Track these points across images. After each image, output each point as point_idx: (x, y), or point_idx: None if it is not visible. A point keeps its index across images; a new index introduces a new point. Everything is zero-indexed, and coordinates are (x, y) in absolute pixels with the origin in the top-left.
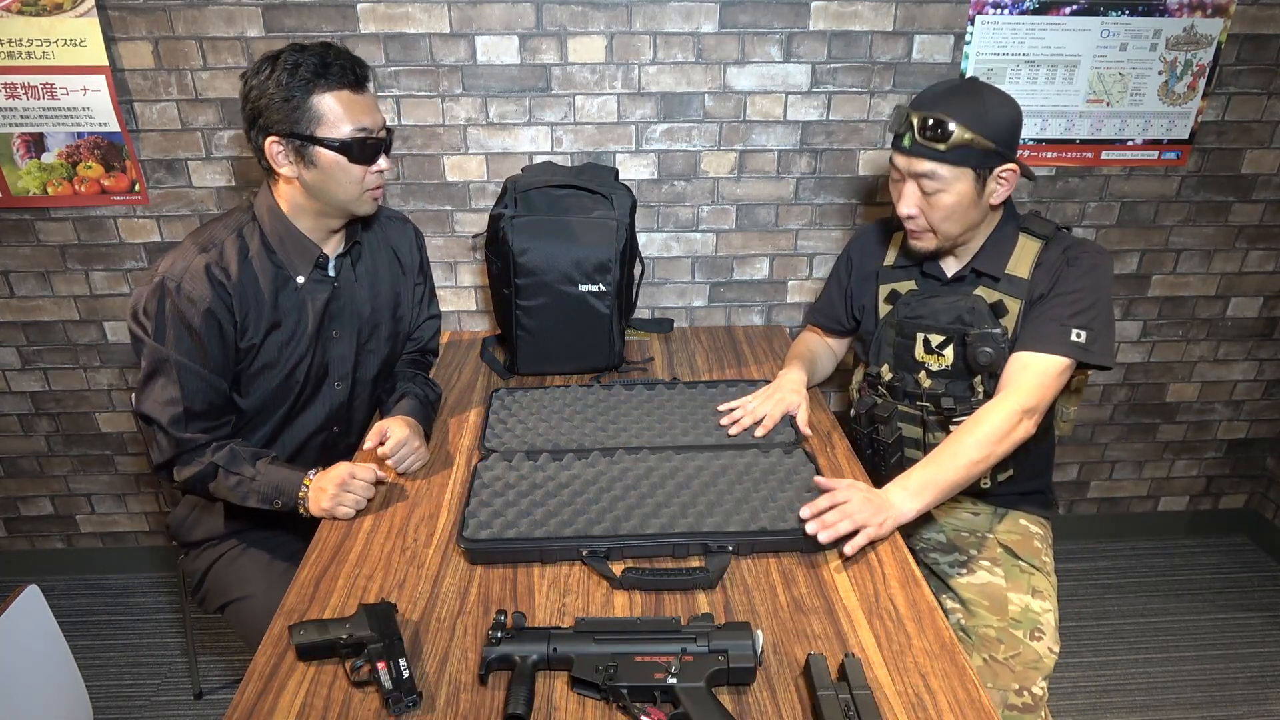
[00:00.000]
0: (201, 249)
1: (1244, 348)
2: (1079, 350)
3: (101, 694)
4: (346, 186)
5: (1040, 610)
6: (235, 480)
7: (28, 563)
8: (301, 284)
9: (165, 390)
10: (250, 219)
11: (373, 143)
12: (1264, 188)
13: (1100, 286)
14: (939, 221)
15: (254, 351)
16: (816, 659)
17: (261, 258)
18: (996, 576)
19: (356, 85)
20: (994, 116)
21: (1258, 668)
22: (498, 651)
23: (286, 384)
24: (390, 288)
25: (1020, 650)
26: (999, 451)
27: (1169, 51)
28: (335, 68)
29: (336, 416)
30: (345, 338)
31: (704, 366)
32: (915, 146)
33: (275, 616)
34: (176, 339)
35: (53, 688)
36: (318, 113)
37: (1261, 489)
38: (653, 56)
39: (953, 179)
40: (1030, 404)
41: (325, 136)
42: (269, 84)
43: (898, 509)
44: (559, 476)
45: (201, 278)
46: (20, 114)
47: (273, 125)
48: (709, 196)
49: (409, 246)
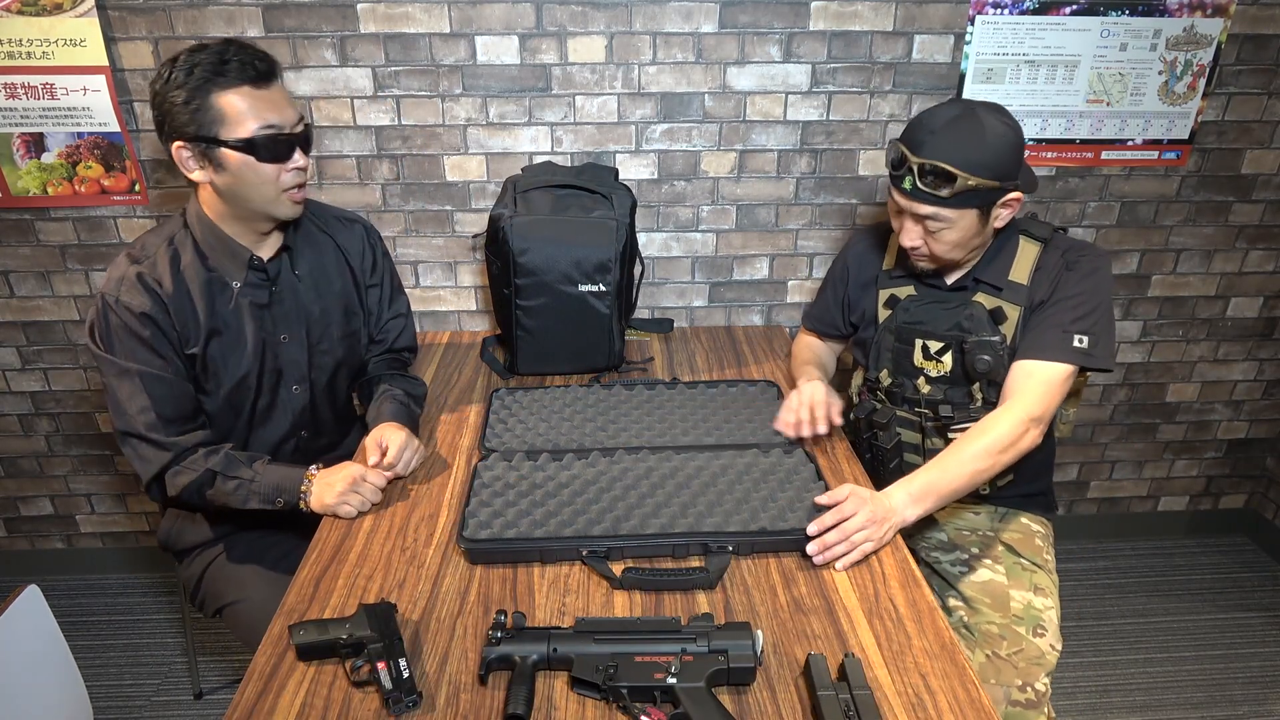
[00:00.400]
0: (133, 260)
1: (1244, 348)
2: (1082, 356)
3: (101, 694)
4: (260, 188)
5: (1042, 607)
6: (235, 484)
7: (28, 563)
8: (237, 288)
9: (134, 400)
10: (182, 226)
11: (284, 139)
12: (1264, 188)
13: (1101, 290)
14: (943, 253)
15: (198, 361)
16: (816, 659)
17: (195, 265)
18: (998, 574)
19: (259, 80)
20: (995, 152)
21: (1258, 668)
22: (498, 651)
23: (239, 391)
24: (340, 288)
25: (1023, 646)
26: (1004, 460)
27: (1169, 51)
28: (234, 64)
29: (301, 421)
30: (295, 341)
31: (704, 366)
32: (916, 192)
33: (275, 616)
34: (129, 350)
35: (53, 688)
36: (219, 113)
37: (1261, 489)
38: (653, 56)
39: (957, 219)
40: (1037, 413)
41: (228, 138)
42: (169, 88)
43: (899, 514)
44: (559, 476)
45: (135, 286)
46: (20, 114)
47: (177, 130)
48: (709, 196)
49: (359, 247)
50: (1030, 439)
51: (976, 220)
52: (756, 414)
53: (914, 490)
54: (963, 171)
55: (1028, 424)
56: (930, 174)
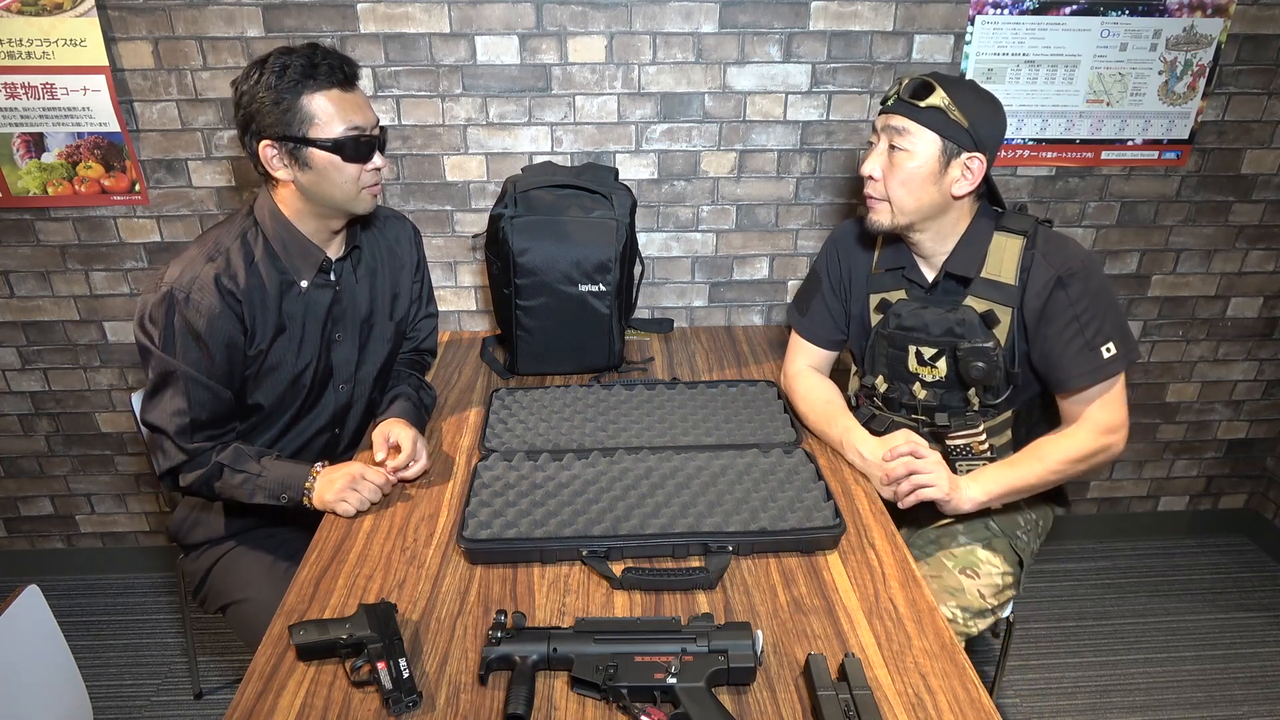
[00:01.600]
0: (208, 258)
1: (1244, 348)
2: (1118, 363)
3: (101, 694)
4: (343, 186)
5: (984, 559)
6: (242, 478)
7: (28, 563)
8: (305, 288)
9: (173, 401)
10: (253, 224)
11: (366, 140)
12: (1264, 188)
13: (1103, 294)
14: (895, 187)
15: (261, 357)
16: (816, 659)
17: (266, 263)
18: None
19: (346, 84)
20: (974, 103)
21: (1258, 668)
22: (498, 651)
23: (294, 387)
24: (389, 285)
25: (942, 575)
26: (1076, 470)
27: (1169, 51)
28: (324, 67)
29: (337, 418)
30: (348, 341)
31: (704, 366)
32: (896, 103)
33: (275, 616)
34: (184, 350)
35: (53, 688)
36: (309, 113)
37: (1261, 489)
38: (653, 56)
39: (919, 139)
40: (1111, 423)
41: (318, 137)
42: (259, 88)
43: (964, 494)
44: (559, 476)
45: (210, 288)
46: (20, 114)
47: (265, 129)
48: (709, 196)
49: (407, 243)
50: (1113, 450)
51: (936, 158)
52: (756, 414)
53: (983, 480)
54: (941, 91)
55: (1102, 433)
56: (915, 86)
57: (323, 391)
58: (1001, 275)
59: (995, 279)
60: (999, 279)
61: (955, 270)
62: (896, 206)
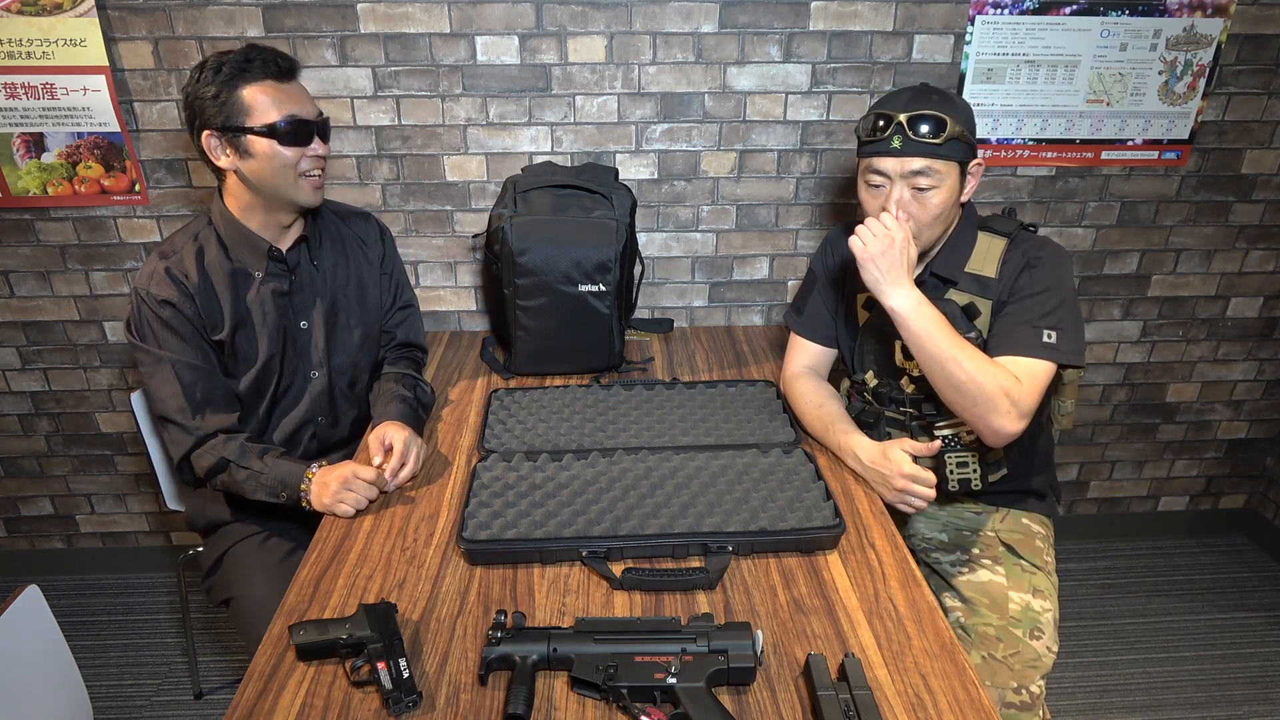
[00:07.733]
0: (163, 256)
1: (1244, 348)
2: (1052, 351)
3: (101, 694)
4: (282, 172)
5: (1040, 609)
6: (245, 474)
7: (28, 563)
8: (259, 278)
9: (167, 386)
10: (206, 224)
11: (304, 126)
12: (1264, 188)
13: (1064, 285)
14: (927, 224)
15: (225, 347)
16: (816, 659)
17: (219, 258)
18: (998, 575)
19: (281, 76)
20: (964, 112)
21: (1258, 668)
22: (498, 651)
23: (263, 374)
24: (354, 275)
25: (1019, 649)
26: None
27: (1169, 51)
28: (258, 62)
29: (319, 406)
30: (315, 328)
31: (704, 366)
32: (909, 145)
33: (275, 616)
34: (161, 339)
35: (53, 688)
36: (246, 105)
37: (1261, 489)
38: (653, 56)
39: (945, 174)
40: (1018, 396)
41: (253, 125)
42: (199, 86)
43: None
44: (558, 477)
45: (164, 279)
46: (20, 114)
47: (206, 121)
48: (709, 196)
49: (374, 238)
50: (999, 415)
51: (958, 182)
52: (756, 414)
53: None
54: (951, 119)
55: (1007, 395)
56: (923, 122)
57: (295, 378)
58: (984, 270)
59: (978, 273)
60: (981, 273)
61: (940, 272)
62: (924, 240)
